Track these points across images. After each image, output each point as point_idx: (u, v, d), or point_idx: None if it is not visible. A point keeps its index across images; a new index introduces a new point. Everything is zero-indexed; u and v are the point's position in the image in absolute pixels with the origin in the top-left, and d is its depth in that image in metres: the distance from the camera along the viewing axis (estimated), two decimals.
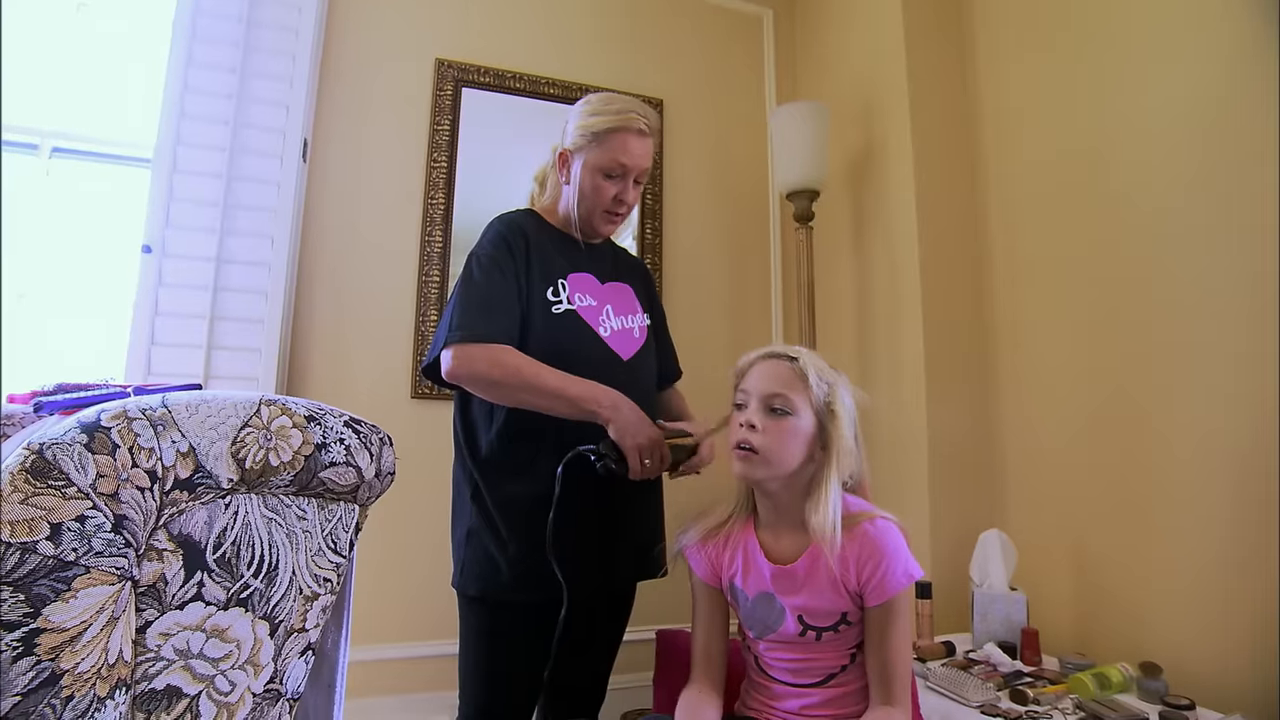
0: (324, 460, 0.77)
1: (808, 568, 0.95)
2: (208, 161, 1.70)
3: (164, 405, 0.69)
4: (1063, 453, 1.58)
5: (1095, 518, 1.49)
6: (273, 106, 1.77)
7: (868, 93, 2.06)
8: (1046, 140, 1.67)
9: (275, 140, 1.76)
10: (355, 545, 0.86)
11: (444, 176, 2.00)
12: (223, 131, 1.71)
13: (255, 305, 1.70)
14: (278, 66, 1.79)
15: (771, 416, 0.95)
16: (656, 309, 1.39)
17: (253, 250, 1.71)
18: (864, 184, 2.06)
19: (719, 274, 2.31)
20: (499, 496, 1.15)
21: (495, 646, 1.14)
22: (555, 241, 1.26)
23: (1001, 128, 1.81)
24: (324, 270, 1.89)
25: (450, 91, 2.04)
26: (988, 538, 1.54)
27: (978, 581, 1.53)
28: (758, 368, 0.99)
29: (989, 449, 1.77)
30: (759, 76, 2.46)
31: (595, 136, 1.20)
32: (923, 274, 1.80)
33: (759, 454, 0.94)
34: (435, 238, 1.97)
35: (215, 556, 0.71)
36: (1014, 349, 1.73)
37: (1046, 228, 1.66)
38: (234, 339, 1.67)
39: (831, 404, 0.96)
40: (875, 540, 0.93)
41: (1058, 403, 1.60)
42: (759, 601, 0.99)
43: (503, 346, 1.09)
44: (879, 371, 1.94)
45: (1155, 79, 1.43)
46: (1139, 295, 1.43)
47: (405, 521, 1.81)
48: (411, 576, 1.82)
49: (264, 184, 1.74)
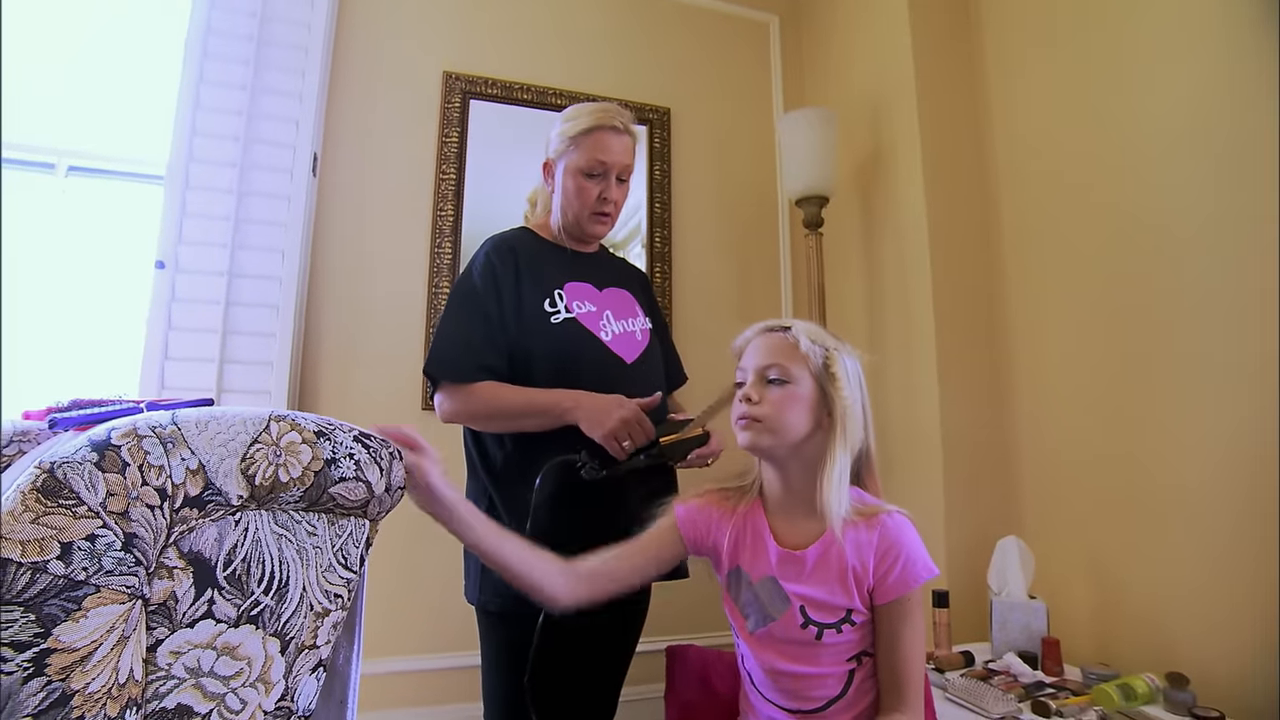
0: (334, 476, 0.77)
1: (818, 556, 0.93)
2: (219, 177, 1.71)
3: (173, 423, 0.69)
4: (1080, 456, 1.56)
5: (1115, 522, 1.46)
6: (283, 122, 1.79)
7: (875, 97, 2.05)
8: (1058, 142, 1.65)
9: (285, 155, 1.78)
10: (366, 560, 0.86)
11: (453, 188, 2.01)
12: (234, 147, 1.73)
13: (266, 319, 1.71)
14: (288, 83, 1.81)
15: (769, 387, 0.95)
16: (657, 314, 1.40)
17: (264, 264, 1.73)
18: (873, 189, 2.05)
19: (729, 281, 2.30)
20: (513, 507, 1.14)
21: (518, 661, 1.11)
22: (549, 254, 1.27)
23: (1012, 130, 1.80)
24: (334, 283, 1.90)
25: (458, 103, 2.05)
26: (1005, 545, 1.52)
27: (996, 590, 1.51)
28: (753, 343, 0.99)
29: (1004, 454, 1.75)
30: (766, 83, 2.45)
31: (573, 140, 1.23)
32: (934, 278, 1.79)
33: (761, 422, 0.93)
34: (445, 249, 1.98)
35: (226, 574, 0.71)
36: (1029, 353, 1.71)
37: (1060, 230, 1.64)
38: (246, 353, 1.68)
39: (830, 367, 0.94)
40: (894, 533, 0.91)
41: (1074, 406, 1.58)
42: (762, 586, 0.95)
43: (474, 386, 1.13)
44: (892, 377, 1.92)
45: (1165, 81, 1.41)
46: (1156, 297, 1.41)
47: (418, 534, 1.78)
48: (424, 589, 1.82)
49: (274, 199, 1.76)
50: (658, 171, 2.26)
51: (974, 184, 1.87)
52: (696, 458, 1.20)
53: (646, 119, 2.27)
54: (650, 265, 2.19)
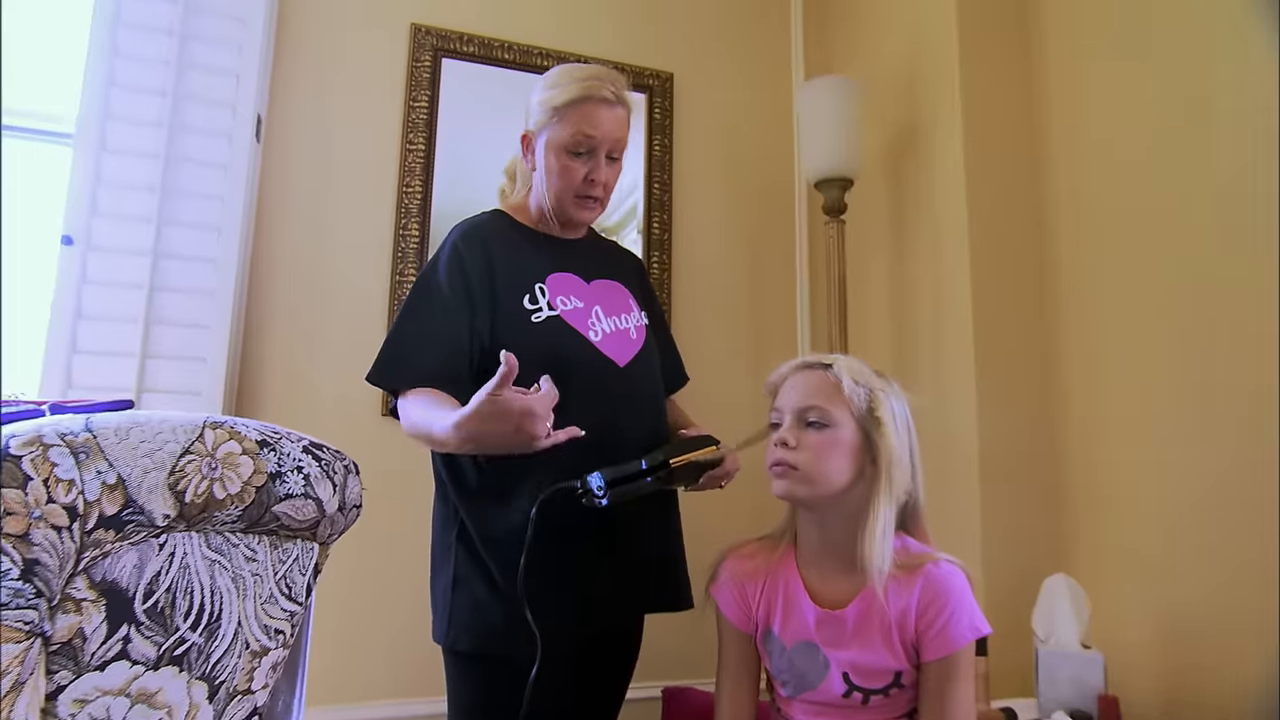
0: (279, 492, 0.76)
1: (860, 615, 0.95)
2: (142, 139, 1.69)
3: (88, 430, 0.68)
4: (1145, 478, 1.55)
5: (1188, 558, 1.46)
6: (220, 76, 1.77)
7: (911, 65, 2.05)
8: (1129, 123, 1.64)
9: (223, 116, 1.76)
10: (314, 590, 0.86)
11: (421, 161, 2.00)
12: (160, 104, 1.70)
13: (199, 307, 1.69)
14: (225, 30, 1.78)
15: (808, 430, 0.98)
16: (654, 307, 1.41)
17: (197, 244, 1.71)
18: (905, 171, 2.05)
19: (737, 275, 2.30)
20: (490, 532, 1.14)
21: (493, 712, 1.11)
22: (528, 242, 1.28)
23: (1073, 107, 1.79)
24: (281, 267, 1.88)
25: (428, 62, 2.04)
26: (1054, 584, 1.51)
27: (1042, 636, 1.50)
28: (789, 381, 1.03)
29: (1053, 475, 1.75)
30: (784, 47, 2.45)
31: (556, 111, 1.22)
32: (974, 274, 1.78)
33: (799, 470, 0.96)
34: (411, 231, 1.97)
35: (145, 606, 0.70)
36: (1084, 359, 1.70)
37: (1127, 220, 1.63)
38: (173, 346, 1.66)
39: (875, 410, 0.98)
40: (939, 584, 0.94)
41: (1138, 422, 1.57)
42: (799, 652, 0.98)
43: (407, 396, 1.14)
44: (921, 388, 1.91)
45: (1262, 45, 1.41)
46: (1240, 299, 1.40)
47: (376, 559, 1.79)
48: (383, 624, 1.81)
49: (210, 167, 1.73)
50: (657, 147, 2.25)
51: (1024, 167, 1.87)
52: (709, 480, 1.20)
53: (646, 86, 2.26)
54: (647, 254, 2.18)
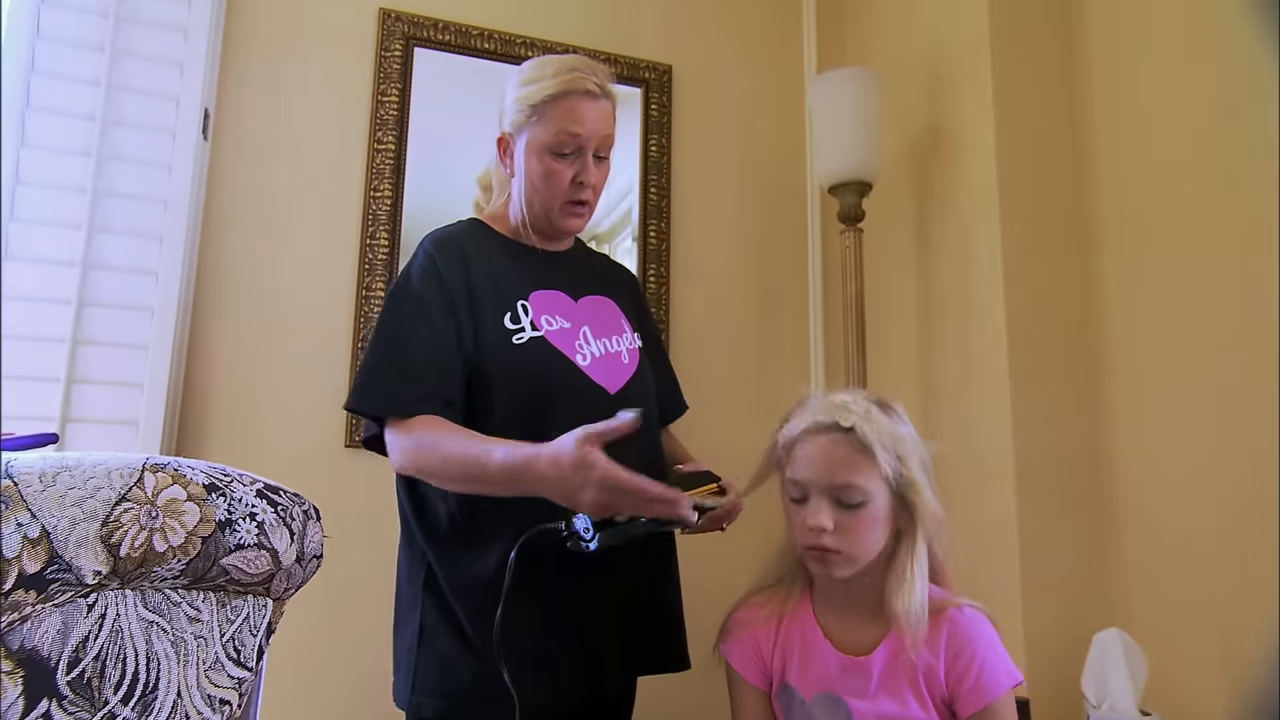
0: (228, 543, 0.75)
1: (886, 663, 0.98)
2: (69, 135, 1.69)
3: (8, 476, 0.66)
4: (1210, 517, 1.54)
5: (1257, 610, 1.44)
6: (161, 65, 1.77)
7: (937, 57, 2.07)
8: (1181, 127, 1.65)
9: (165, 110, 1.76)
10: (265, 653, 0.85)
11: (391, 161, 2.01)
12: (91, 95, 1.70)
13: (137, 326, 1.69)
14: (168, 12, 1.78)
15: (844, 511, 0.99)
16: (649, 327, 1.42)
17: (134, 254, 1.71)
18: (931, 175, 2.06)
19: (742, 289, 2.31)
20: (461, 579, 1.14)
21: None
22: (509, 256, 1.29)
23: (1118, 103, 1.81)
24: (231, 281, 1.88)
25: (399, 52, 2.05)
26: (1106, 639, 1.51)
27: (1094, 701, 1.49)
28: (807, 449, 1.03)
29: (1101, 513, 1.74)
30: (796, 36, 2.47)
31: (535, 109, 1.23)
32: (1007, 287, 1.78)
33: (841, 554, 0.99)
34: (380, 239, 1.97)
35: (70, 678, 0.68)
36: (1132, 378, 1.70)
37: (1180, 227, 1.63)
38: (106, 370, 1.66)
39: (907, 472, 1.01)
40: (965, 631, 0.99)
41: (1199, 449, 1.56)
42: (819, 705, 1.00)
43: (412, 423, 1.12)
44: (949, 414, 1.91)
45: None
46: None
47: (329, 613, 1.77)
48: (337, 686, 1.78)
49: (150, 167, 1.74)
50: (654, 147, 2.26)
51: (1065, 173, 1.87)
52: (710, 521, 1.20)
53: (641, 79, 2.27)
54: (642, 266, 2.19)
